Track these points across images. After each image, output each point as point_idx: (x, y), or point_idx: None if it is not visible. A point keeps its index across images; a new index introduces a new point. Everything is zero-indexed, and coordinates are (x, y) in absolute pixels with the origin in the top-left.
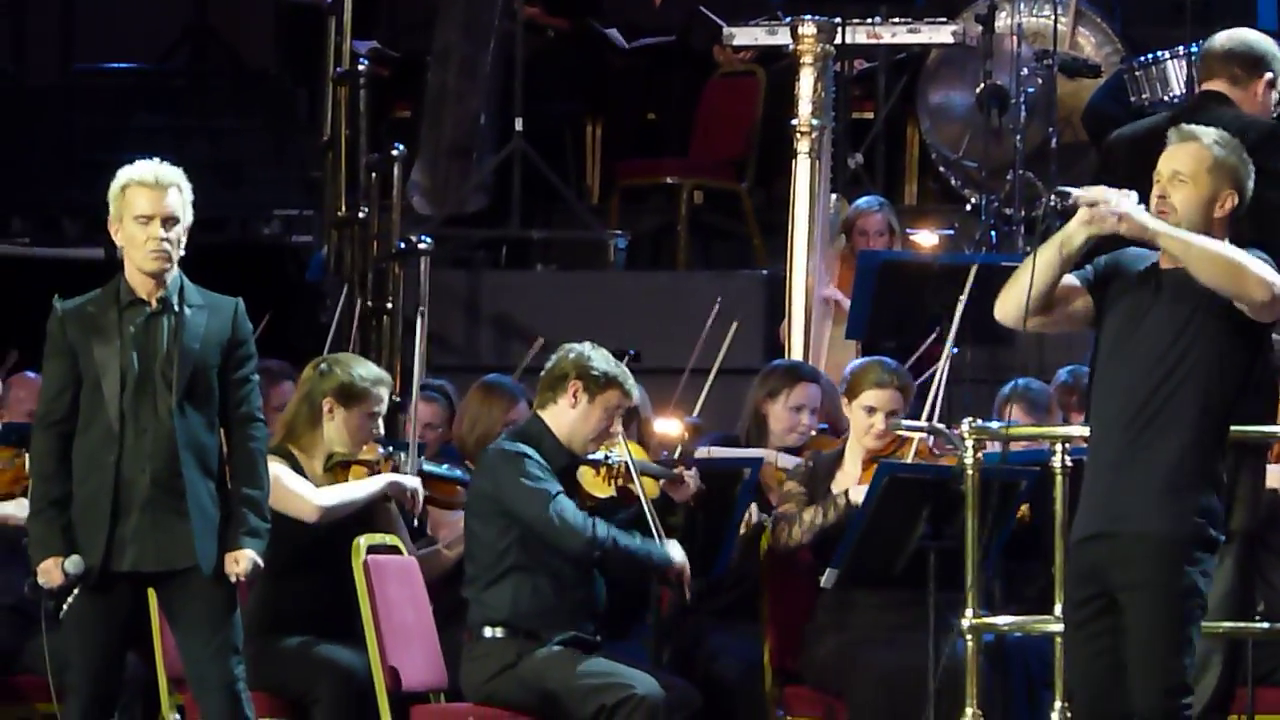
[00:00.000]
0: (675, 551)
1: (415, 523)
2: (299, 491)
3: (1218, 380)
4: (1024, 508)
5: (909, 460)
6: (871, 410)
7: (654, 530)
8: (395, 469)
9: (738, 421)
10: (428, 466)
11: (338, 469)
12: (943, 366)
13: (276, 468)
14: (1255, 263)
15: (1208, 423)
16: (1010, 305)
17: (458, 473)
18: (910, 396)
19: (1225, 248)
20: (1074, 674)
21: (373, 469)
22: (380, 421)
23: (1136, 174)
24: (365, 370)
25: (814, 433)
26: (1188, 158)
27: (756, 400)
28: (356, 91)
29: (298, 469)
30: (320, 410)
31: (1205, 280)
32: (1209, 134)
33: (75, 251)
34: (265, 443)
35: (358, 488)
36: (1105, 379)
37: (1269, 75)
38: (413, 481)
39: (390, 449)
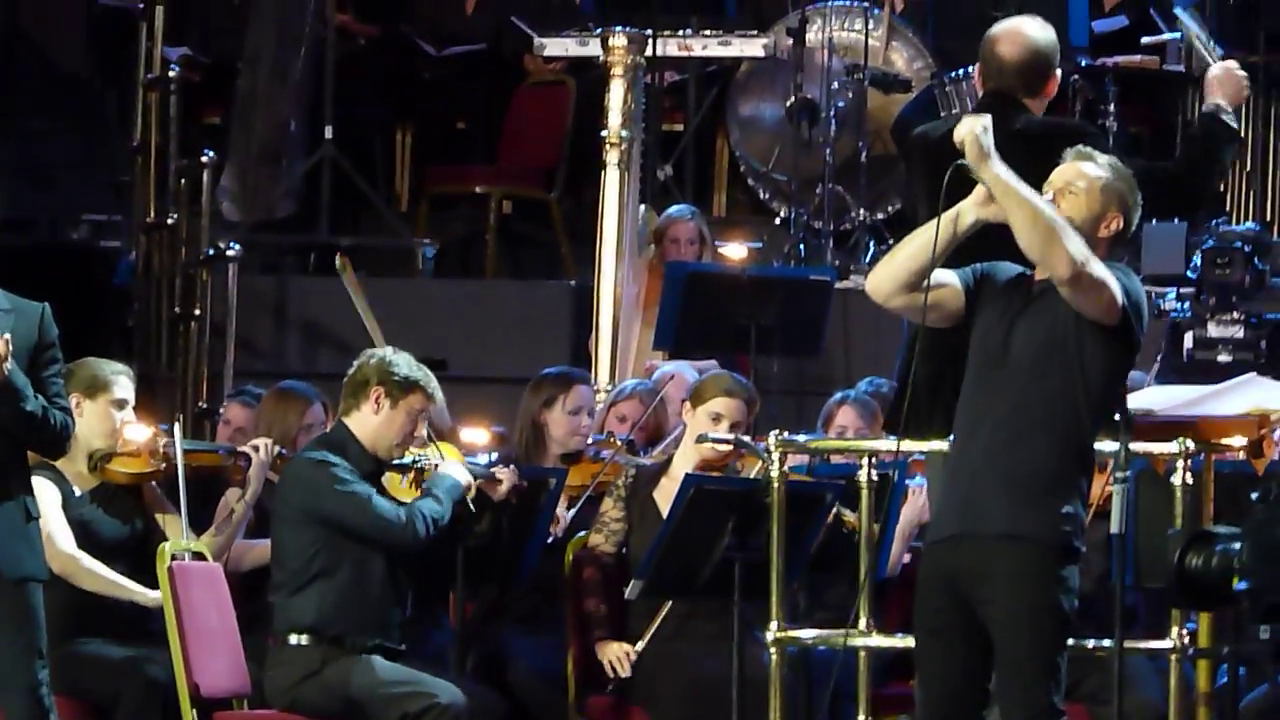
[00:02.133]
0: (458, 473)
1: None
2: (55, 540)
3: (1083, 391)
4: (849, 516)
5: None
6: (718, 418)
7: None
8: (156, 452)
9: None
10: (187, 444)
11: (101, 464)
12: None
13: (42, 492)
14: (1072, 238)
15: (1072, 433)
16: (883, 278)
17: (222, 445)
18: (754, 412)
19: (1050, 210)
20: (928, 682)
21: (134, 457)
22: (130, 410)
23: (933, 174)
24: (105, 365)
25: (591, 438)
26: (1083, 174)
27: (532, 411)
28: (167, 96)
29: (64, 481)
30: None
31: (1017, 235)
32: (1104, 158)
33: None
34: (70, 427)
35: (108, 578)
36: (971, 388)
37: (1057, 71)
38: (152, 598)
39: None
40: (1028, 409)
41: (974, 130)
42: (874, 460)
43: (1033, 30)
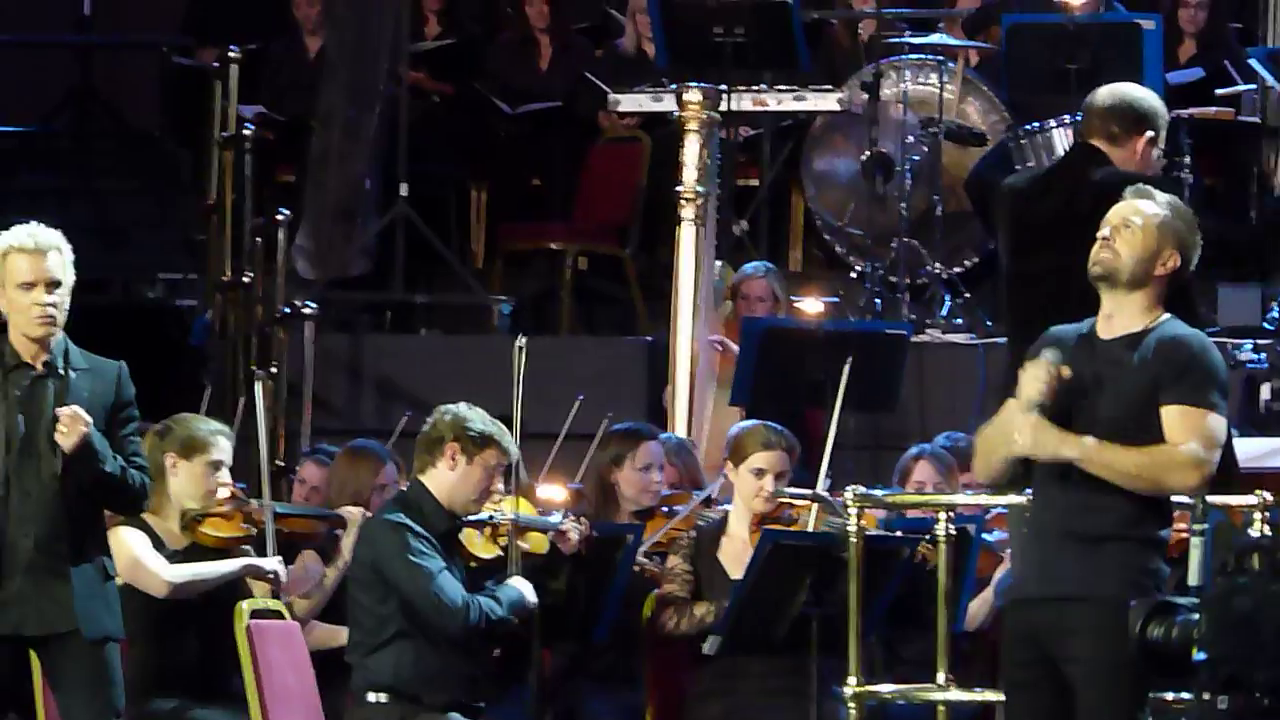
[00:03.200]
0: (526, 591)
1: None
2: (148, 565)
3: (1152, 444)
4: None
5: (810, 526)
6: (760, 472)
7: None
8: (248, 516)
9: None
10: (280, 507)
11: (193, 524)
12: (830, 434)
13: (129, 536)
14: (1172, 462)
15: None
16: (988, 476)
17: (313, 509)
18: (795, 459)
19: (1137, 460)
20: None
21: (226, 519)
22: (226, 472)
23: (1020, 226)
24: (203, 424)
25: (665, 491)
26: (1139, 210)
27: (601, 470)
28: (242, 155)
29: (155, 536)
30: (164, 468)
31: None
32: (1164, 197)
33: None
34: (148, 486)
35: (211, 568)
36: None
37: (1149, 133)
38: (270, 563)
39: (245, 495)
40: None
41: (1035, 438)
42: (951, 514)
43: (1133, 87)
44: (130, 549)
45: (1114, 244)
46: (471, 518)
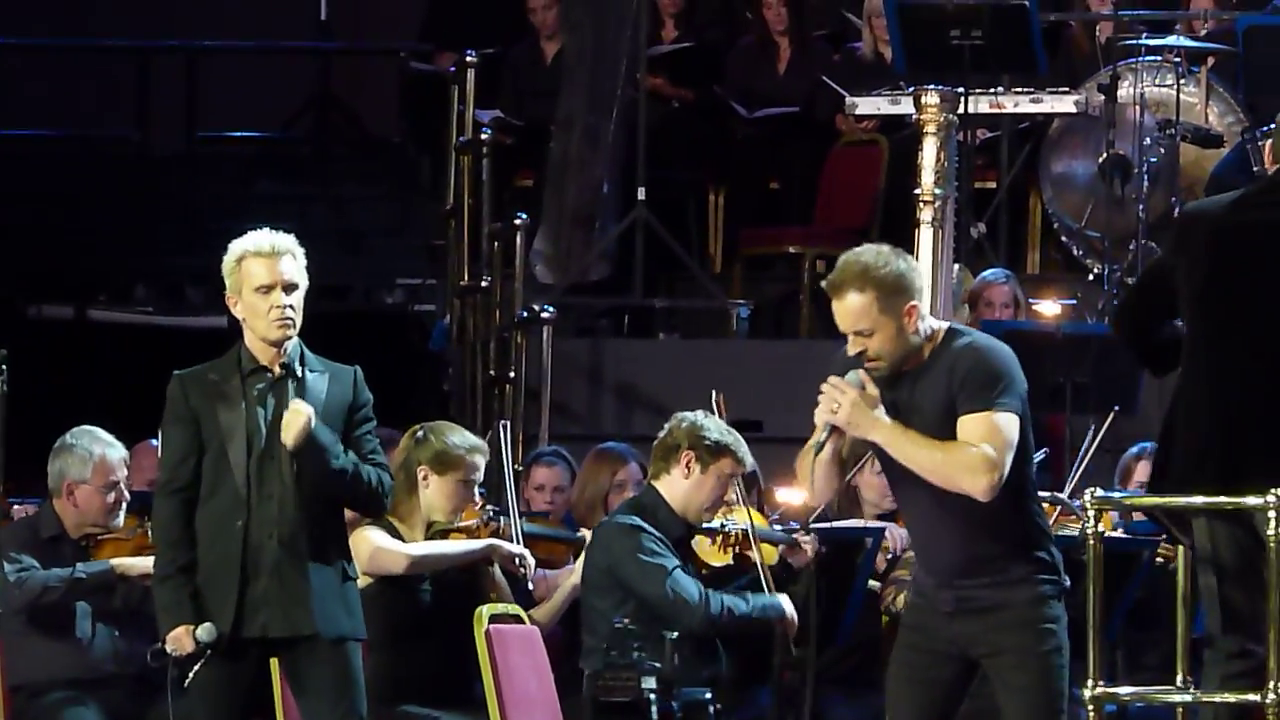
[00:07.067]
0: (786, 603)
1: (529, 585)
2: (388, 546)
3: None
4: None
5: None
6: None
7: (767, 591)
8: (496, 534)
9: None
10: (529, 527)
11: (438, 537)
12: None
13: (371, 532)
14: (965, 463)
15: None
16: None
17: (560, 531)
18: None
19: (931, 457)
20: None
21: (472, 535)
22: (477, 490)
23: (1211, 252)
24: (460, 438)
25: None
26: (856, 313)
27: None
28: (480, 160)
29: (397, 538)
30: (416, 478)
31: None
32: (853, 276)
33: (199, 320)
34: (386, 484)
35: (452, 544)
36: None
37: None
38: (516, 547)
39: (493, 513)
40: None
41: (851, 414)
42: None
43: None
44: (370, 540)
45: (869, 353)
46: (706, 526)
